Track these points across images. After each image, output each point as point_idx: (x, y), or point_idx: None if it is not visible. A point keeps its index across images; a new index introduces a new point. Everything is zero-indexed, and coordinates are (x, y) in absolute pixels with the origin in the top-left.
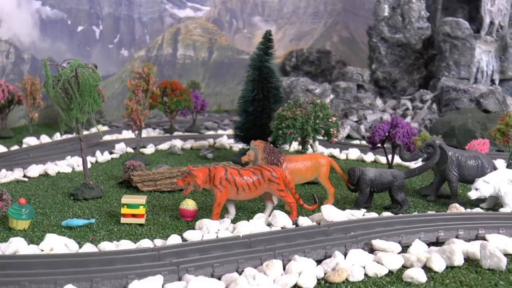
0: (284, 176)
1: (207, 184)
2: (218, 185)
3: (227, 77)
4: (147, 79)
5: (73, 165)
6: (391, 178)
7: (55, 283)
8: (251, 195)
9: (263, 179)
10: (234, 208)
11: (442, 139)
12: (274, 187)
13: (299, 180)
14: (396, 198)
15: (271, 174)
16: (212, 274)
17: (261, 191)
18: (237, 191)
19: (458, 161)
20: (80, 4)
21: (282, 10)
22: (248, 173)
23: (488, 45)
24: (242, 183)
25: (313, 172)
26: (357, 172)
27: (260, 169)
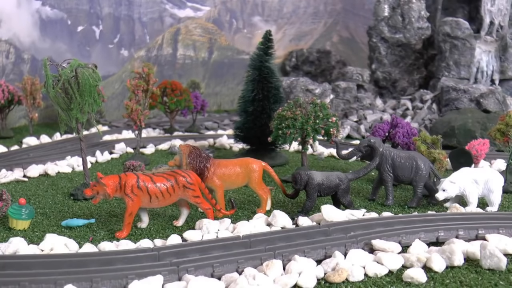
0: (200, 182)
1: (118, 193)
2: (129, 193)
3: (227, 77)
4: (147, 79)
5: (73, 165)
6: (337, 181)
7: (55, 283)
8: (165, 202)
9: (178, 186)
10: (147, 216)
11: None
12: (189, 193)
13: (229, 186)
14: (343, 201)
15: (185, 180)
16: (212, 274)
17: (175, 198)
18: (150, 199)
19: (393, 161)
20: (80, 4)
21: (282, 10)
22: (162, 180)
23: (488, 45)
24: (155, 190)
25: (244, 177)
26: (304, 176)
27: (174, 175)
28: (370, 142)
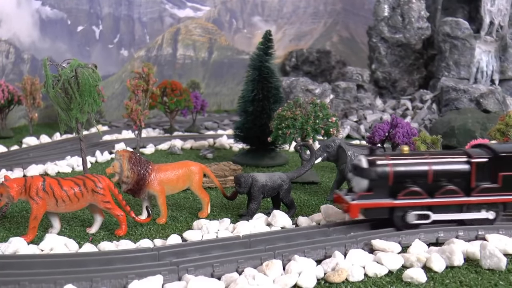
0: (113, 187)
1: (23, 195)
2: (34, 196)
3: (227, 77)
4: (147, 79)
5: (73, 165)
6: (280, 182)
7: (55, 282)
8: (73, 207)
9: (86, 190)
10: (58, 221)
11: (342, 139)
12: (98, 198)
13: (170, 190)
14: (285, 202)
15: (94, 185)
16: (212, 274)
17: (84, 203)
18: (56, 202)
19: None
20: (80, 4)
21: (282, 10)
22: (69, 184)
23: (488, 45)
24: (61, 194)
25: (184, 181)
26: (248, 178)
27: (83, 179)
28: (336, 143)
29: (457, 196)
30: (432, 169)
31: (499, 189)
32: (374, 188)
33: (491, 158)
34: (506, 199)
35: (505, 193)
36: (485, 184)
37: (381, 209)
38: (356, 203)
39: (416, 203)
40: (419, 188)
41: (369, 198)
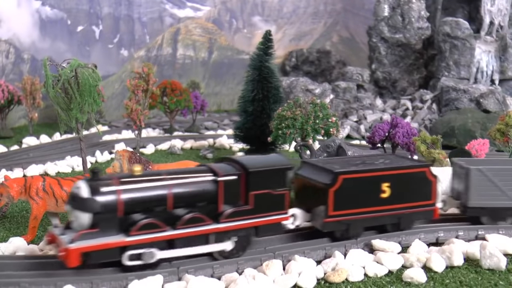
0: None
1: (23, 195)
2: (34, 196)
3: (227, 77)
4: (147, 79)
5: (73, 165)
6: None
7: (55, 284)
8: None
9: None
10: (58, 221)
11: (342, 139)
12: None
13: None
14: None
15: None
16: (212, 275)
17: None
18: (56, 202)
19: None
20: (80, 4)
21: (282, 10)
22: (70, 183)
23: (488, 45)
24: (61, 194)
25: None
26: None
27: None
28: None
29: (204, 224)
30: (172, 193)
31: (251, 211)
32: (99, 223)
33: (240, 176)
34: (258, 222)
35: (258, 215)
36: (234, 207)
37: (110, 251)
38: (74, 246)
39: (152, 238)
40: (157, 218)
41: (93, 237)
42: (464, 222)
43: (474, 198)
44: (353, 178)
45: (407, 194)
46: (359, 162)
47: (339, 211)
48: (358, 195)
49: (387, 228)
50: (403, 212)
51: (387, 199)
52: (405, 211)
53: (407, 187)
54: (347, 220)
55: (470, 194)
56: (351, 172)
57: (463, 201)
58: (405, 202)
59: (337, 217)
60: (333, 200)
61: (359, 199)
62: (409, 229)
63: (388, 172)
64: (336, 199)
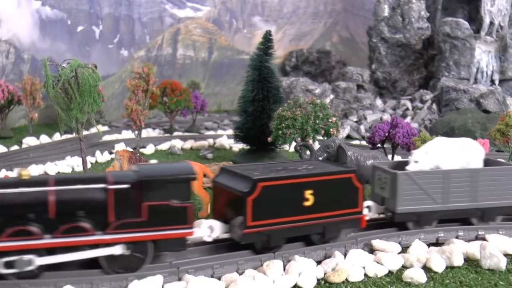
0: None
1: None
2: None
3: (227, 77)
4: (147, 79)
5: (73, 165)
6: None
7: (55, 285)
8: None
9: None
10: None
11: (342, 139)
12: None
13: None
14: None
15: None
16: (212, 276)
17: None
18: None
19: (357, 161)
20: (80, 4)
21: (282, 10)
22: None
23: (488, 45)
24: None
25: None
26: None
27: None
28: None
29: (87, 234)
30: (54, 200)
31: (144, 223)
32: None
33: (133, 184)
34: (153, 236)
35: (153, 228)
36: (125, 218)
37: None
38: None
39: (23, 245)
40: (34, 225)
41: None
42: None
43: (402, 204)
44: (274, 186)
45: (332, 202)
46: (280, 168)
47: (258, 221)
48: (279, 203)
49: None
50: (328, 221)
51: (311, 207)
52: (330, 220)
53: (332, 195)
54: (267, 230)
55: (398, 199)
56: (271, 179)
57: (390, 206)
58: (330, 210)
59: (257, 228)
60: (252, 209)
61: (280, 208)
62: (336, 239)
63: (311, 179)
64: (255, 209)
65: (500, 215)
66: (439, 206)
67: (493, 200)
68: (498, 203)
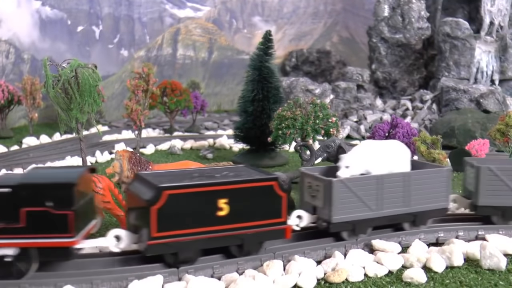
0: (113, 187)
1: None
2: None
3: (227, 77)
4: (147, 79)
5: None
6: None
7: (55, 285)
8: None
9: None
10: None
11: (342, 139)
12: (98, 198)
13: None
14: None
15: (94, 185)
16: (212, 276)
17: None
18: None
19: None
20: (80, 4)
21: (282, 10)
22: None
23: (488, 45)
24: None
25: None
26: None
27: None
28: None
29: None
30: None
31: (23, 230)
32: None
33: (13, 188)
34: (33, 243)
35: (32, 235)
36: (4, 223)
37: None
38: None
39: None
40: None
41: None
42: (464, 222)
43: (337, 213)
44: (182, 194)
45: (250, 212)
46: (197, 175)
47: (165, 232)
48: (189, 213)
49: (231, 251)
50: (247, 232)
51: (226, 217)
52: (249, 231)
53: (250, 204)
54: (176, 242)
55: (333, 208)
56: (179, 187)
57: (324, 216)
58: (249, 220)
59: (163, 239)
60: (157, 219)
61: (190, 218)
62: (257, 252)
63: (226, 187)
64: (160, 218)
65: (432, 218)
66: (374, 213)
67: (425, 204)
68: (429, 206)
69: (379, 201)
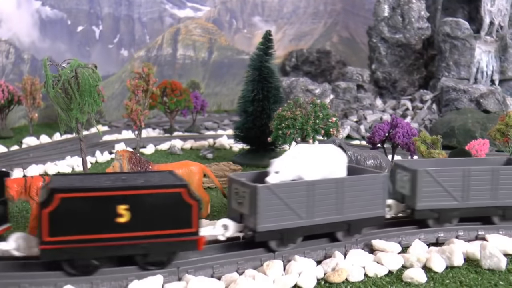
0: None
1: (23, 195)
2: (34, 196)
3: (227, 77)
4: (147, 79)
5: (73, 165)
6: None
7: (55, 285)
8: None
9: None
10: None
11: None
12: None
13: None
14: None
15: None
16: (212, 276)
17: None
18: None
19: (357, 161)
20: (80, 4)
21: (282, 10)
22: None
23: (488, 45)
24: None
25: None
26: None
27: None
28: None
29: None
30: None
31: None
32: None
33: None
34: None
35: None
36: None
37: None
38: None
39: None
40: None
41: None
42: (464, 222)
43: (263, 221)
44: (77, 198)
45: (155, 220)
46: (113, 178)
47: (57, 237)
48: (84, 218)
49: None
50: (151, 241)
51: (127, 225)
52: (153, 241)
53: (154, 212)
54: (70, 248)
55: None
56: (73, 190)
57: (250, 224)
58: (153, 229)
59: (56, 244)
60: (49, 223)
61: (86, 224)
62: (166, 264)
63: (125, 192)
64: (52, 222)
65: (367, 227)
66: (304, 221)
67: (360, 211)
68: (365, 214)
69: (310, 209)
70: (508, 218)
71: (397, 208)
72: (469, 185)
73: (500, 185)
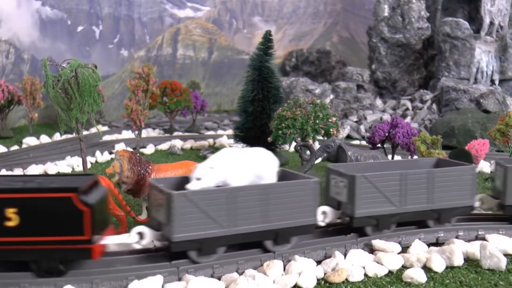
0: (113, 187)
1: None
2: None
3: (227, 77)
4: (147, 79)
5: (73, 165)
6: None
7: (55, 284)
8: None
9: None
10: None
11: (342, 139)
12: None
13: None
14: None
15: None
16: (212, 275)
17: None
18: None
19: (357, 161)
20: (80, 4)
21: (282, 10)
22: None
23: (488, 45)
24: None
25: None
26: None
27: None
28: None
29: None
30: None
31: None
32: None
33: None
34: None
35: None
36: None
37: None
38: None
39: None
40: None
41: None
42: (464, 222)
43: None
44: None
45: (44, 225)
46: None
47: None
48: None
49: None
50: (40, 247)
51: (16, 229)
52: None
53: (43, 216)
54: None
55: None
56: None
57: (166, 233)
58: (41, 235)
59: None
60: None
61: None
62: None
63: (13, 195)
64: None
65: (296, 235)
66: (225, 230)
67: (288, 219)
68: (293, 222)
69: (232, 217)
70: (443, 221)
71: (333, 215)
72: (406, 189)
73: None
